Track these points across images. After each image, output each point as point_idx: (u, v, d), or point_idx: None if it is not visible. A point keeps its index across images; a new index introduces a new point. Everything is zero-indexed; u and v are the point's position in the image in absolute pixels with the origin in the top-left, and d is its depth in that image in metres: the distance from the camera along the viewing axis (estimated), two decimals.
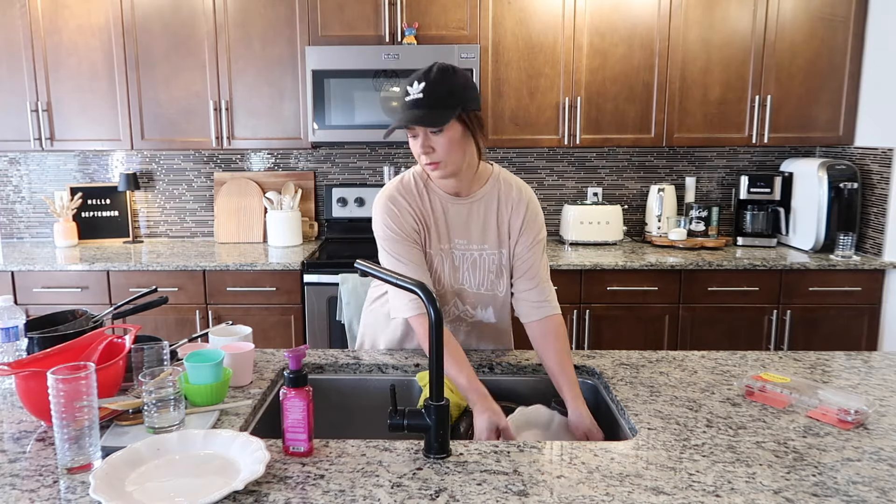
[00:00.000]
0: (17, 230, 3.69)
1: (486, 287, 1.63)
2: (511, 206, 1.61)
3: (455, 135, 1.45)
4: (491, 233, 1.60)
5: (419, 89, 1.44)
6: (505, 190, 1.61)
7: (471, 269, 1.61)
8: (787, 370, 1.56)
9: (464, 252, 1.61)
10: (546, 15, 3.12)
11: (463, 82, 1.46)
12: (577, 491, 1.03)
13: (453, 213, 1.59)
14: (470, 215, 1.60)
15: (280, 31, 3.15)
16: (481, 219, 1.60)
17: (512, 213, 1.60)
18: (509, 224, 1.61)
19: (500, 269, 1.62)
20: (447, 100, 1.44)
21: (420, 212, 1.58)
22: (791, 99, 3.18)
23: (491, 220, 1.60)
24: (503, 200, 1.61)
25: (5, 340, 1.53)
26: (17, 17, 3.16)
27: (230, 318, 3.03)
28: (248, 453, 1.09)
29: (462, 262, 1.61)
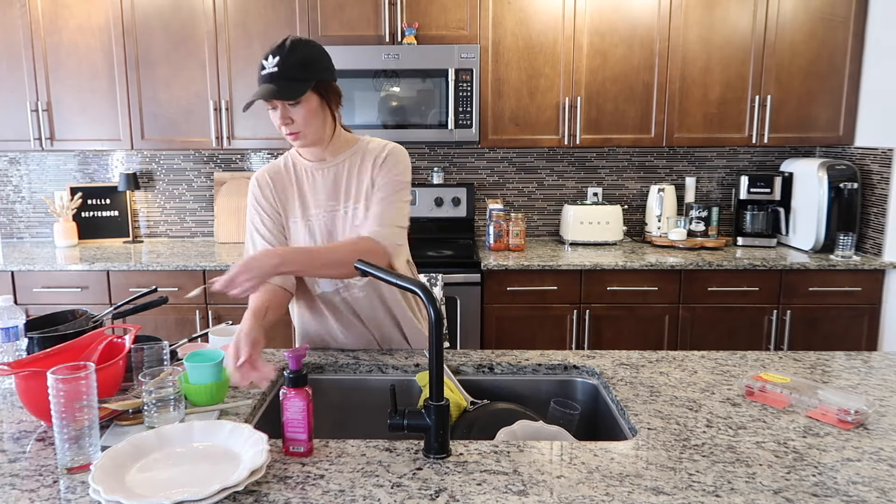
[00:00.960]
0: (17, 230, 3.69)
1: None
2: (374, 158, 1.64)
3: (312, 105, 1.51)
4: (353, 189, 1.64)
5: (274, 63, 1.48)
6: (371, 148, 1.66)
7: (342, 227, 1.63)
8: (787, 370, 1.56)
9: (332, 214, 1.64)
10: (546, 15, 3.12)
11: (316, 55, 1.52)
12: (577, 491, 1.03)
13: (321, 179, 1.65)
14: (338, 177, 1.65)
15: (280, 31, 3.15)
16: (344, 178, 1.64)
17: (374, 163, 1.64)
18: (371, 174, 1.64)
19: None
20: (301, 72, 1.49)
21: (282, 183, 1.66)
22: (791, 99, 3.18)
23: (353, 177, 1.64)
24: (367, 157, 1.65)
25: (5, 340, 1.53)
26: (17, 17, 3.16)
27: (230, 318, 3.03)
28: (250, 445, 1.10)
29: (337, 223, 1.64)
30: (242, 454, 1.09)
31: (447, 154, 3.59)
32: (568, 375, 1.62)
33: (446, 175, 3.61)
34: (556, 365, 1.62)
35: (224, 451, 1.12)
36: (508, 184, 3.61)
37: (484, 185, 3.62)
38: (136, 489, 1.00)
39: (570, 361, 1.63)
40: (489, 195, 3.62)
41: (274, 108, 1.51)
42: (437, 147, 3.58)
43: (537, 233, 3.66)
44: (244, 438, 1.12)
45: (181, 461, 1.09)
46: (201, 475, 1.04)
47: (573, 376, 1.61)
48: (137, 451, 1.09)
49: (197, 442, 1.14)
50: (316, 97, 1.52)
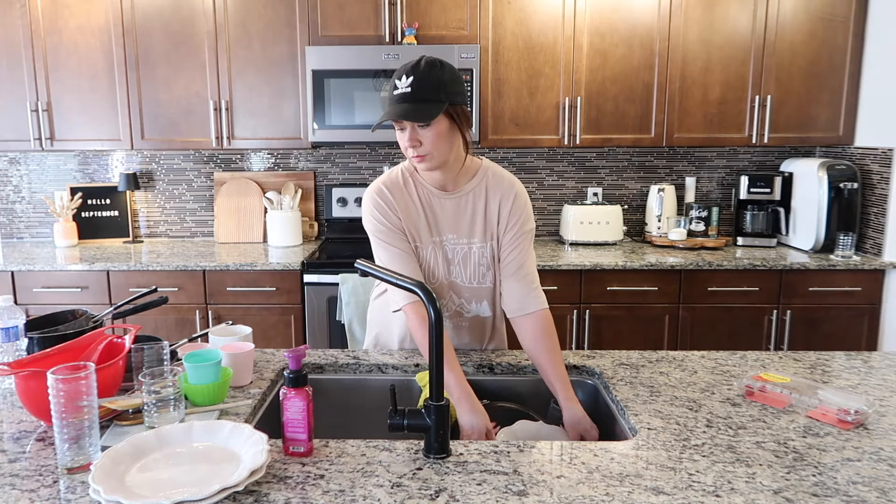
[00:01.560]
0: (17, 230, 3.69)
1: (478, 280, 1.65)
2: (499, 197, 1.62)
3: (442, 129, 1.47)
4: (479, 226, 1.62)
5: (407, 83, 1.44)
6: (493, 182, 1.63)
7: (462, 263, 1.63)
8: (787, 370, 1.56)
9: (454, 246, 1.63)
10: (546, 15, 3.12)
11: (450, 77, 1.48)
12: (577, 491, 1.03)
13: (441, 208, 1.61)
14: (458, 209, 1.61)
15: (280, 31, 3.15)
16: (469, 212, 1.61)
17: (501, 204, 1.62)
18: (498, 214, 1.62)
19: (490, 261, 1.64)
20: (434, 94, 1.45)
21: (406, 204, 1.61)
22: (791, 99, 3.18)
23: (479, 213, 1.62)
24: (491, 193, 1.62)
25: (5, 340, 1.53)
26: (17, 17, 3.16)
27: (230, 318, 3.03)
28: (250, 445, 1.10)
29: (454, 256, 1.63)
30: (242, 454, 1.09)
31: None
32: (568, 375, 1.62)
33: None
34: None
35: (224, 451, 1.12)
36: None
37: None
38: (136, 489, 1.00)
39: (570, 361, 1.63)
40: None
41: (402, 129, 1.48)
42: None
43: (537, 233, 3.66)
44: (244, 438, 1.12)
45: (181, 461, 1.09)
46: (201, 475, 1.04)
47: (573, 376, 1.61)
48: (137, 452, 1.09)
49: (197, 442, 1.14)
50: (446, 120, 1.48)
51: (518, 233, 1.62)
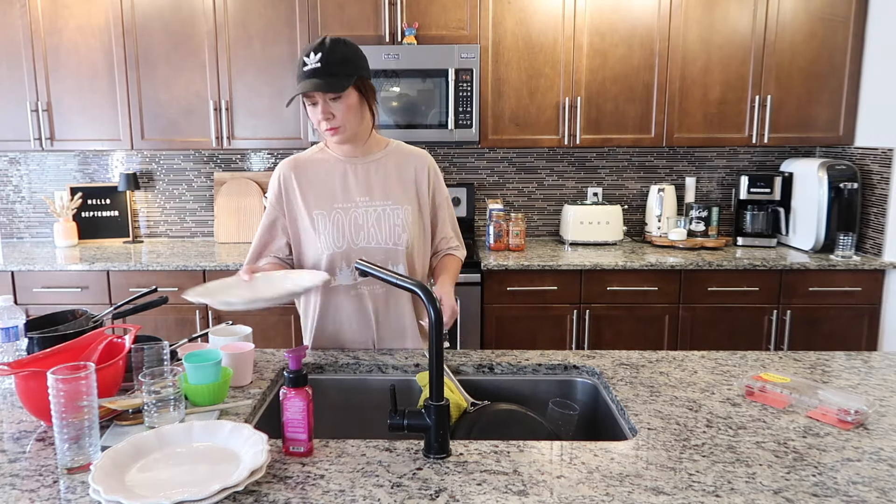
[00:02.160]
0: (17, 230, 3.69)
1: (394, 241, 1.70)
2: (414, 164, 1.75)
3: (352, 101, 1.58)
4: (394, 189, 1.71)
5: (316, 59, 1.54)
6: (405, 151, 1.77)
7: (376, 225, 1.69)
8: (787, 370, 1.56)
9: (367, 208, 1.70)
10: (546, 15, 3.12)
11: (354, 52, 1.59)
12: (577, 491, 1.03)
13: (353, 173, 1.71)
14: (370, 173, 1.71)
15: (280, 31, 3.15)
16: (381, 175, 1.72)
17: (417, 170, 1.75)
18: (416, 180, 1.74)
19: (407, 224, 1.70)
20: (342, 68, 1.55)
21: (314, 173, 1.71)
22: (791, 99, 3.18)
23: (392, 176, 1.72)
24: (404, 160, 1.75)
25: (5, 340, 1.53)
26: (17, 17, 3.16)
27: (230, 318, 3.03)
28: (250, 445, 1.10)
29: (366, 220, 1.69)
30: (242, 454, 1.09)
31: (447, 154, 3.59)
32: (568, 375, 1.62)
33: (446, 175, 3.61)
34: (556, 365, 1.62)
35: (224, 452, 1.12)
36: (508, 184, 3.61)
37: (484, 185, 3.62)
38: (136, 489, 1.00)
39: (570, 361, 1.63)
40: (489, 195, 3.62)
41: (314, 103, 1.58)
42: (437, 147, 3.58)
43: (537, 233, 3.66)
44: (244, 438, 1.12)
45: (181, 461, 1.09)
46: (201, 475, 1.04)
47: (573, 376, 1.61)
48: (137, 452, 1.09)
49: (197, 442, 1.14)
50: (356, 93, 1.59)
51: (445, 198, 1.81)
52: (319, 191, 1.70)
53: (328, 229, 1.67)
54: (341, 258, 1.68)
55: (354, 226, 1.68)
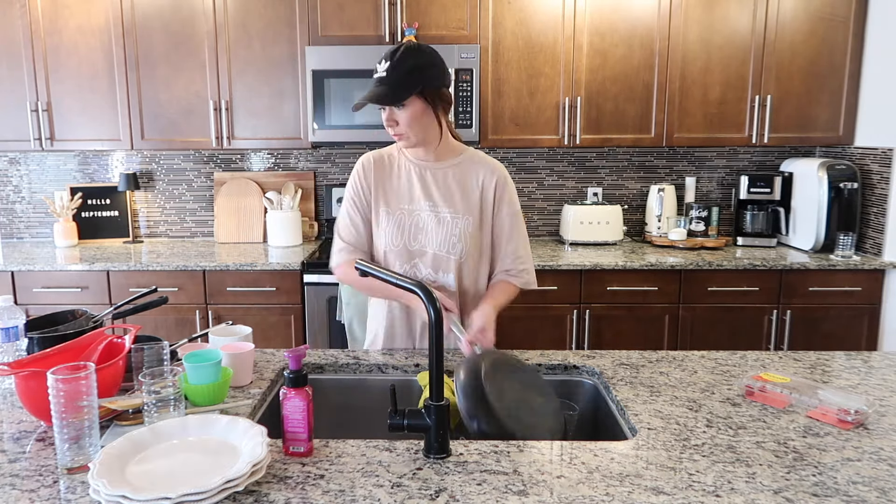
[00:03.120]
0: (17, 230, 3.69)
1: (447, 248, 1.69)
2: (483, 174, 1.73)
3: (416, 110, 1.60)
4: (457, 197, 1.71)
5: (384, 68, 1.58)
6: (477, 160, 1.75)
7: (433, 231, 1.70)
8: (787, 370, 1.56)
9: (429, 213, 1.70)
10: (546, 15, 3.12)
11: (427, 61, 1.60)
12: (577, 491, 1.03)
13: (421, 177, 1.72)
14: (438, 179, 1.72)
15: (280, 31, 3.15)
16: (448, 183, 1.72)
17: (485, 181, 1.73)
18: (482, 190, 1.72)
19: (463, 235, 1.69)
20: (407, 78, 1.57)
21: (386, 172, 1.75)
22: (791, 99, 3.18)
23: (458, 185, 1.72)
24: (474, 169, 1.73)
25: (5, 340, 1.53)
26: (17, 17, 3.16)
27: (230, 318, 3.03)
28: (248, 438, 1.10)
29: (426, 223, 1.70)
30: (241, 447, 1.10)
31: None
32: (568, 375, 1.62)
33: None
34: (556, 365, 1.62)
35: (222, 444, 1.12)
36: None
37: None
38: (137, 484, 1.00)
39: (570, 361, 1.63)
40: None
41: (382, 108, 1.62)
42: None
43: (537, 233, 3.66)
44: (241, 431, 1.12)
45: (179, 455, 1.09)
46: (201, 468, 1.04)
47: (573, 376, 1.61)
48: (135, 447, 1.09)
49: (193, 436, 1.14)
50: (420, 102, 1.60)
51: (515, 213, 1.76)
52: (389, 189, 1.73)
53: (390, 228, 1.71)
54: (396, 257, 1.71)
55: (415, 228, 1.70)
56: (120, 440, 1.09)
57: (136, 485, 0.99)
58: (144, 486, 0.99)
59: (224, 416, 1.16)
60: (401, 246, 1.70)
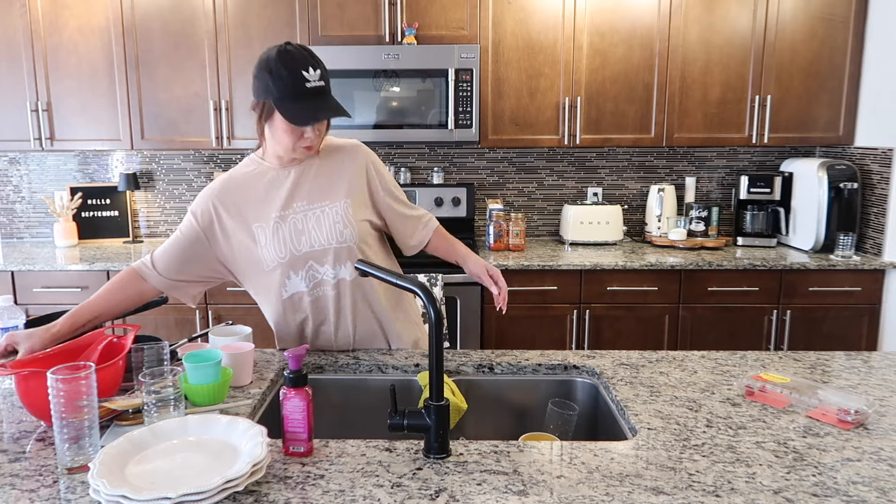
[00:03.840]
0: (17, 230, 3.69)
1: (336, 239, 1.62)
2: (342, 156, 1.67)
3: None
4: (325, 188, 1.63)
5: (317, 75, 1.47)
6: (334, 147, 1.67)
7: (316, 228, 1.62)
8: (787, 370, 1.56)
9: (305, 213, 1.62)
10: (546, 15, 3.12)
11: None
12: (577, 491, 1.03)
13: (285, 181, 1.62)
14: (302, 177, 1.63)
15: (280, 31, 3.15)
16: (311, 177, 1.63)
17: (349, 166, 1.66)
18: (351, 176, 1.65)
19: (346, 219, 1.62)
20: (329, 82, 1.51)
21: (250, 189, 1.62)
22: (791, 99, 3.18)
23: (322, 175, 1.64)
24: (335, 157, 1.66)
25: None
26: (17, 17, 3.16)
27: (230, 318, 3.03)
28: (248, 437, 1.10)
29: (305, 224, 1.61)
30: (241, 447, 1.10)
31: (447, 154, 3.59)
32: (568, 375, 1.62)
33: (446, 175, 3.61)
34: (556, 365, 1.62)
35: (222, 444, 1.12)
36: (508, 184, 3.61)
37: (484, 185, 3.62)
38: (137, 484, 1.00)
39: (570, 361, 1.63)
40: (489, 195, 3.62)
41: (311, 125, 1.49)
42: (437, 147, 3.58)
43: (537, 233, 3.66)
44: (241, 431, 1.12)
45: (180, 456, 1.08)
46: (201, 468, 1.04)
47: (573, 376, 1.61)
48: (134, 447, 1.09)
49: (194, 436, 1.14)
50: None
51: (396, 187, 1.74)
52: (256, 205, 1.61)
53: (268, 241, 1.59)
54: (287, 268, 1.61)
55: (294, 232, 1.60)
56: (120, 440, 1.09)
57: (136, 485, 0.99)
58: (144, 486, 0.99)
59: (224, 416, 1.16)
60: (287, 256, 1.60)
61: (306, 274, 1.63)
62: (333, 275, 1.63)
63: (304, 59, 1.46)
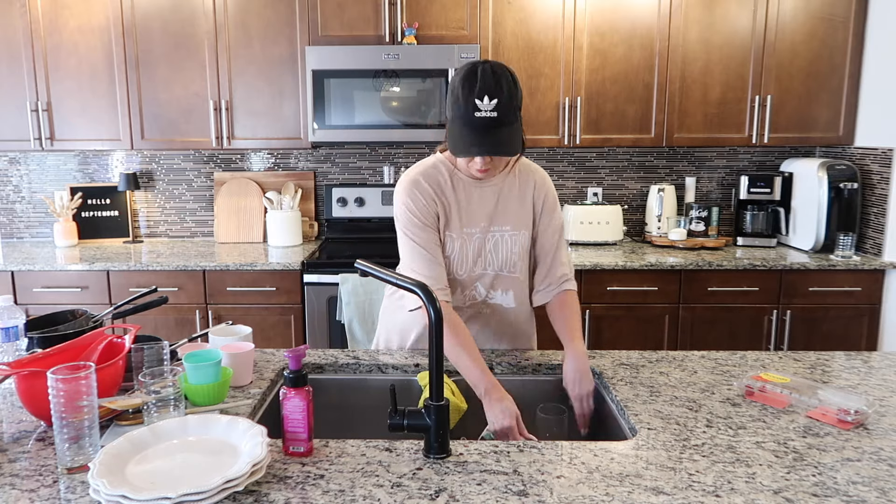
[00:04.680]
0: (17, 230, 3.69)
1: (509, 268, 1.63)
2: (532, 185, 1.64)
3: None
4: (511, 214, 1.62)
5: (492, 105, 1.37)
6: (525, 172, 1.65)
7: (493, 251, 1.62)
8: (787, 370, 1.56)
9: (486, 234, 1.61)
10: (546, 15, 3.12)
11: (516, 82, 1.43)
12: (577, 491, 1.03)
13: (477, 197, 1.60)
14: (492, 197, 1.61)
15: (280, 31, 3.15)
16: (503, 200, 1.61)
17: (535, 191, 1.64)
18: (532, 202, 1.64)
19: (521, 251, 1.63)
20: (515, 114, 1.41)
21: (441, 194, 1.58)
22: (791, 99, 3.18)
23: (512, 200, 1.62)
24: (523, 180, 1.64)
25: (5, 340, 1.53)
26: (17, 17, 3.16)
27: (230, 318, 3.03)
28: (248, 437, 1.10)
29: (484, 245, 1.62)
30: (241, 447, 1.10)
31: None
32: None
33: None
34: (556, 365, 1.62)
35: (222, 444, 1.12)
36: None
37: None
38: (137, 484, 1.00)
39: None
40: None
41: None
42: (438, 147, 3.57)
43: None
44: (241, 431, 1.12)
45: (180, 456, 1.09)
46: (201, 468, 1.04)
47: None
48: (134, 447, 1.09)
49: (194, 436, 1.14)
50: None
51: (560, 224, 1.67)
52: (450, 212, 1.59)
53: (455, 254, 1.60)
54: (457, 283, 1.62)
55: (474, 252, 1.61)
56: (120, 440, 1.09)
57: (136, 485, 0.99)
58: (144, 486, 0.99)
59: (224, 416, 1.16)
60: (465, 275, 1.61)
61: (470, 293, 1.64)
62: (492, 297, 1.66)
63: (484, 87, 1.38)
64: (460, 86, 1.40)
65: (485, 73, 1.39)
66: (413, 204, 1.56)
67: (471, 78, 1.39)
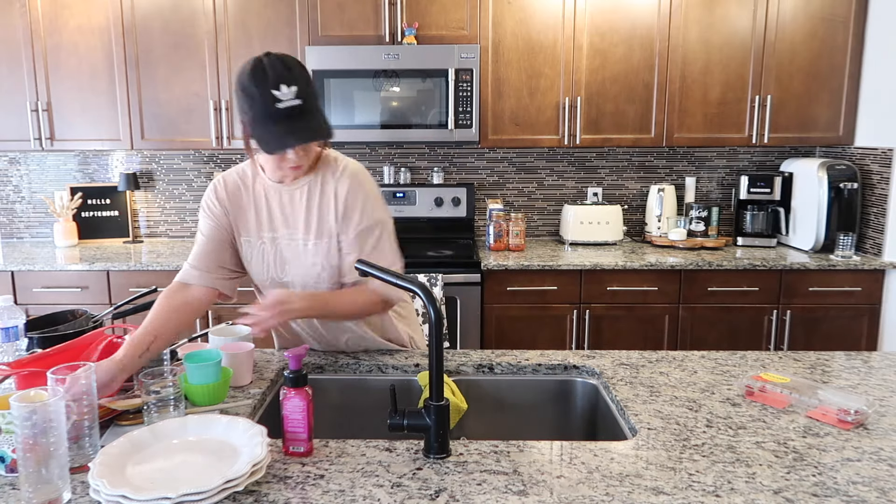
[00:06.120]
0: (17, 230, 3.69)
1: (313, 281, 1.53)
2: (334, 186, 1.49)
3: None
4: (313, 221, 1.51)
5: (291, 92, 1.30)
6: (329, 170, 1.51)
7: (295, 262, 1.53)
8: (787, 370, 1.56)
9: (289, 243, 1.53)
10: (546, 15, 3.12)
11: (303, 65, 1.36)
12: (577, 491, 1.03)
13: (277, 202, 1.53)
14: (292, 203, 1.52)
15: (280, 31, 3.15)
16: (303, 206, 1.51)
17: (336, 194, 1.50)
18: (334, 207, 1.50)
19: (325, 262, 1.52)
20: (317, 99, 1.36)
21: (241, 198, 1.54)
22: (791, 99, 3.18)
23: (313, 206, 1.51)
24: (326, 181, 1.50)
25: (5, 340, 1.53)
26: (17, 17, 3.16)
27: (230, 318, 3.03)
28: (248, 437, 1.10)
29: (289, 254, 1.54)
30: (241, 447, 1.10)
31: (447, 154, 3.59)
32: (568, 375, 1.62)
33: (446, 175, 3.61)
34: (556, 365, 1.62)
35: (222, 444, 1.12)
36: (508, 184, 3.61)
37: (484, 185, 3.62)
38: (137, 484, 1.00)
39: (570, 361, 1.63)
40: (489, 195, 3.62)
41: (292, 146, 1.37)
42: (437, 147, 3.58)
43: (537, 233, 3.66)
44: (241, 431, 1.12)
45: (180, 456, 1.09)
46: (201, 468, 1.04)
47: (573, 376, 1.61)
48: (135, 448, 1.09)
49: (194, 436, 1.14)
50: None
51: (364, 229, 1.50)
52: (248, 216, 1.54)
53: (253, 259, 1.56)
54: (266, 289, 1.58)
55: (280, 259, 1.54)
56: (120, 440, 1.09)
57: (136, 485, 0.99)
58: (144, 486, 0.99)
59: (224, 416, 1.16)
60: (269, 281, 1.56)
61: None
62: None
63: (277, 76, 1.30)
64: (251, 83, 1.32)
65: (272, 63, 1.31)
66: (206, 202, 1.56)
67: (258, 72, 1.31)
